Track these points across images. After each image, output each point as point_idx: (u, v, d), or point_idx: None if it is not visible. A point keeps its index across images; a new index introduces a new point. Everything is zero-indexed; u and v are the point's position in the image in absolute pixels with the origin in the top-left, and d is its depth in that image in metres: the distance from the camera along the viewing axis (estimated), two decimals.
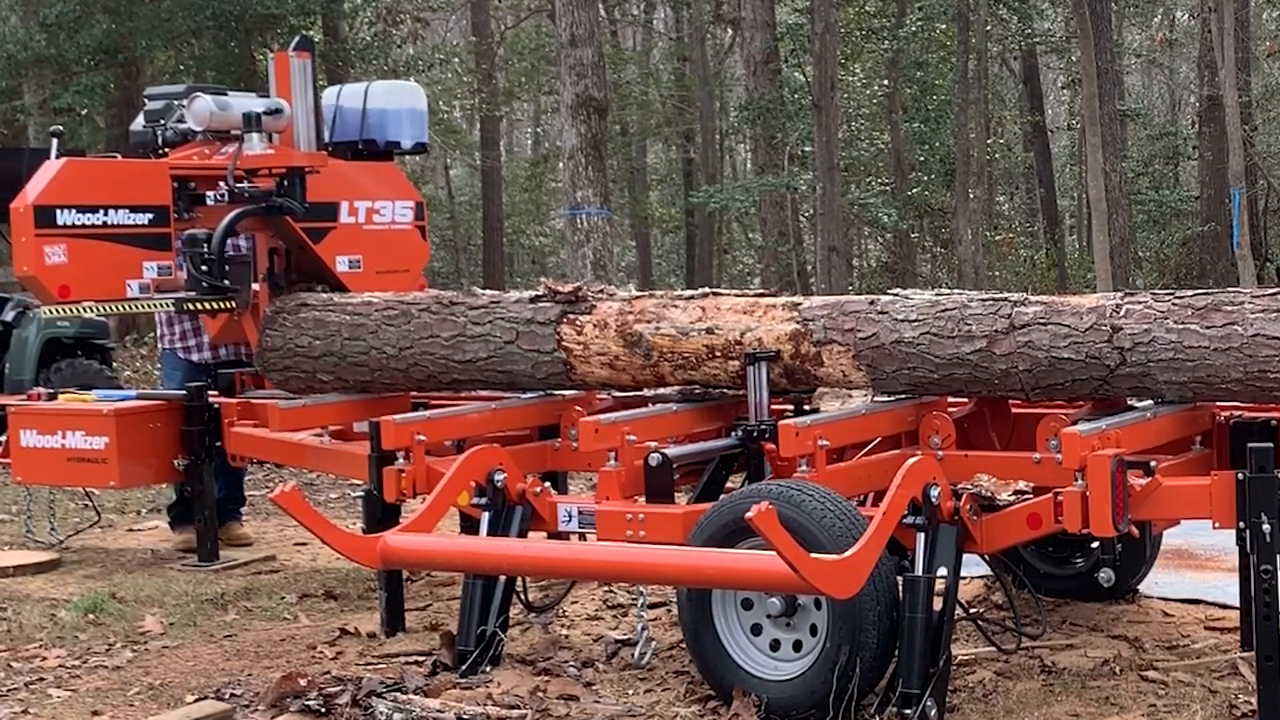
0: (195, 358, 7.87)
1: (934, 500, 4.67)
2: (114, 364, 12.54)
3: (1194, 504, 4.76)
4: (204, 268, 6.74)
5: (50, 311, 6.54)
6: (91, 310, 6.68)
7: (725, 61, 30.19)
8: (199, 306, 6.84)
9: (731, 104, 28.16)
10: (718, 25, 28.73)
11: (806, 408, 5.59)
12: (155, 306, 6.82)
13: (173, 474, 7.27)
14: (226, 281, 6.78)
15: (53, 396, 7.60)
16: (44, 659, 5.85)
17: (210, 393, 7.23)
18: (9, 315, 11.57)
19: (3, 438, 7.59)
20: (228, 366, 7.79)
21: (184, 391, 7.22)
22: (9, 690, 5.45)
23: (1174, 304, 4.91)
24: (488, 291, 6.47)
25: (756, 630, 4.86)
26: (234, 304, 6.87)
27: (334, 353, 6.60)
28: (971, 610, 5.56)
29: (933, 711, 4.54)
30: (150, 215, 6.64)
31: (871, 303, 5.44)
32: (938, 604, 4.66)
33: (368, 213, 7.61)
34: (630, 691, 5.13)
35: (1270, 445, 4.59)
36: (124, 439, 6.99)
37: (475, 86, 29.25)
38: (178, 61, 22.91)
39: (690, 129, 29.38)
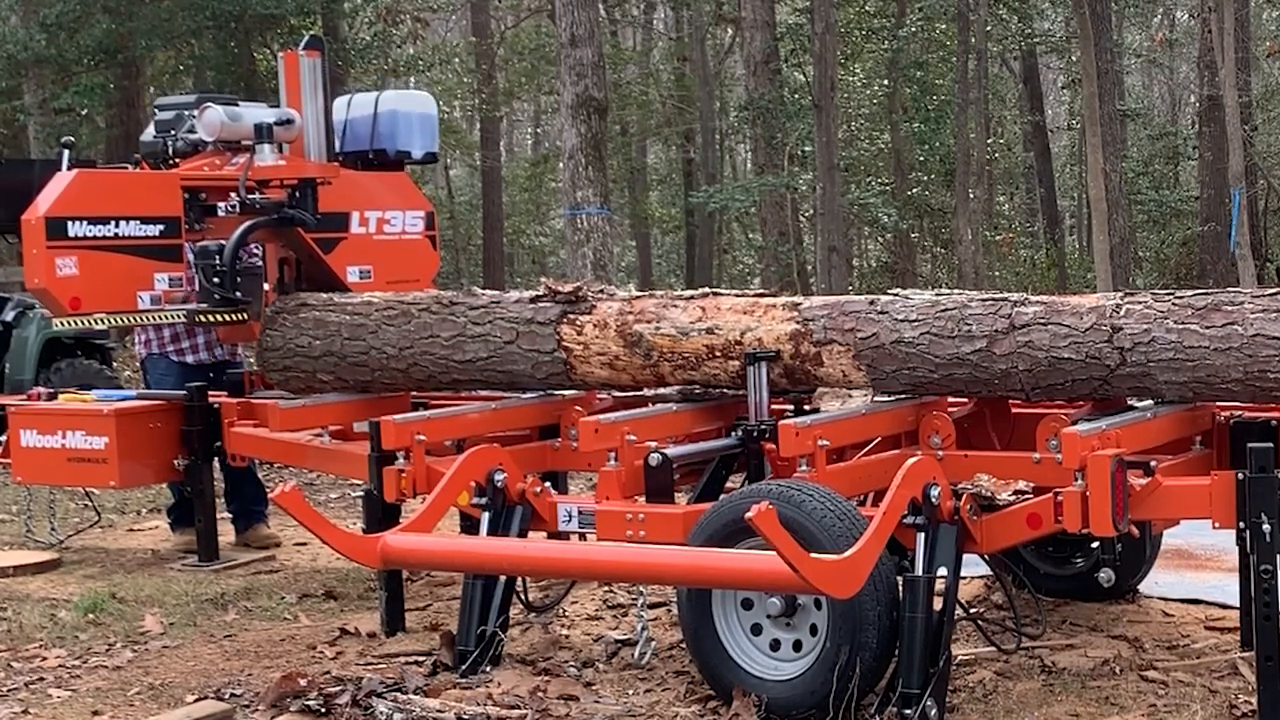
0: (190, 359, 7.85)
1: (934, 500, 4.67)
2: (114, 364, 12.53)
3: (1194, 504, 4.76)
4: (216, 279, 6.74)
5: (62, 324, 6.54)
6: (103, 322, 6.68)
7: (725, 61, 30.18)
8: (211, 319, 6.83)
9: (731, 104, 28.15)
10: (718, 25, 28.72)
11: (806, 408, 5.59)
12: (167, 318, 6.82)
13: (173, 474, 7.27)
14: (238, 293, 6.78)
15: (53, 396, 7.60)
16: (44, 659, 5.85)
17: (210, 393, 7.23)
18: (9, 315, 11.56)
19: (3, 438, 7.59)
20: (223, 367, 7.78)
21: (184, 391, 7.21)
22: (9, 690, 5.45)
23: (1174, 304, 4.91)
24: (488, 291, 6.47)
25: (756, 630, 4.86)
26: (246, 315, 6.87)
27: (334, 353, 6.60)
28: (971, 610, 5.56)
29: (933, 711, 4.54)
30: (161, 227, 6.64)
31: (871, 303, 5.44)
32: (938, 604, 4.67)
33: (378, 223, 7.63)
34: (630, 691, 5.14)
35: (1270, 445, 4.59)
36: (124, 439, 6.99)
37: (475, 86, 29.26)
38: (178, 62, 22.89)
39: (690, 129, 29.36)
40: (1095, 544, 5.75)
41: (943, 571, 4.69)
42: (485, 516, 5.42)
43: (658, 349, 5.77)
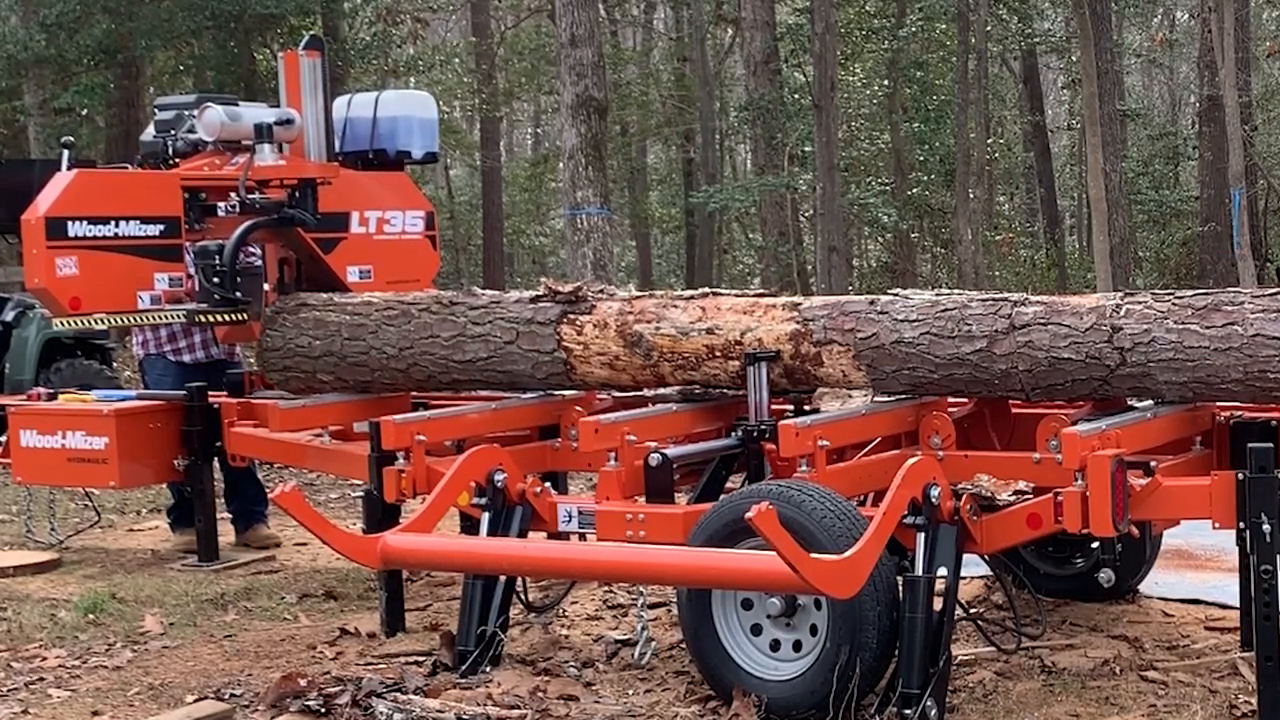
0: (187, 359, 7.85)
1: (934, 500, 4.67)
2: (114, 364, 12.54)
3: (1194, 504, 4.76)
4: (216, 279, 6.74)
5: (62, 324, 6.54)
6: (103, 322, 6.68)
7: (725, 61, 30.19)
8: (211, 319, 6.83)
9: (731, 104, 28.16)
10: (718, 25, 28.73)
11: (806, 408, 5.59)
12: (167, 318, 6.82)
13: (173, 474, 7.27)
14: (238, 294, 6.78)
15: (53, 396, 7.60)
16: (44, 659, 5.85)
17: (210, 393, 7.23)
18: (9, 315, 11.56)
19: (3, 438, 7.59)
20: (220, 367, 7.78)
21: (183, 392, 7.21)
22: (9, 690, 5.45)
23: (1174, 304, 4.91)
24: (488, 291, 6.47)
25: (756, 630, 4.86)
26: (246, 315, 6.87)
27: (334, 353, 6.60)
28: (971, 610, 5.56)
29: (933, 711, 4.54)
30: (161, 227, 6.63)
31: (871, 303, 5.44)
32: (938, 604, 4.67)
33: (378, 223, 7.63)
34: (630, 691, 5.13)
35: (1270, 445, 4.59)
36: (124, 439, 6.99)
37: (475, 86, 29.26)
38: (178, 62, 22.89)
39: (690, 129, 29.36)
40: (1095, 544, 5.75)
41: (943, 571, 4.69)
42: (485, 516, 5.42)
43: (658, 349, 5.77)
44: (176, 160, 7.07)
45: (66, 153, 6.76)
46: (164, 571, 7.37)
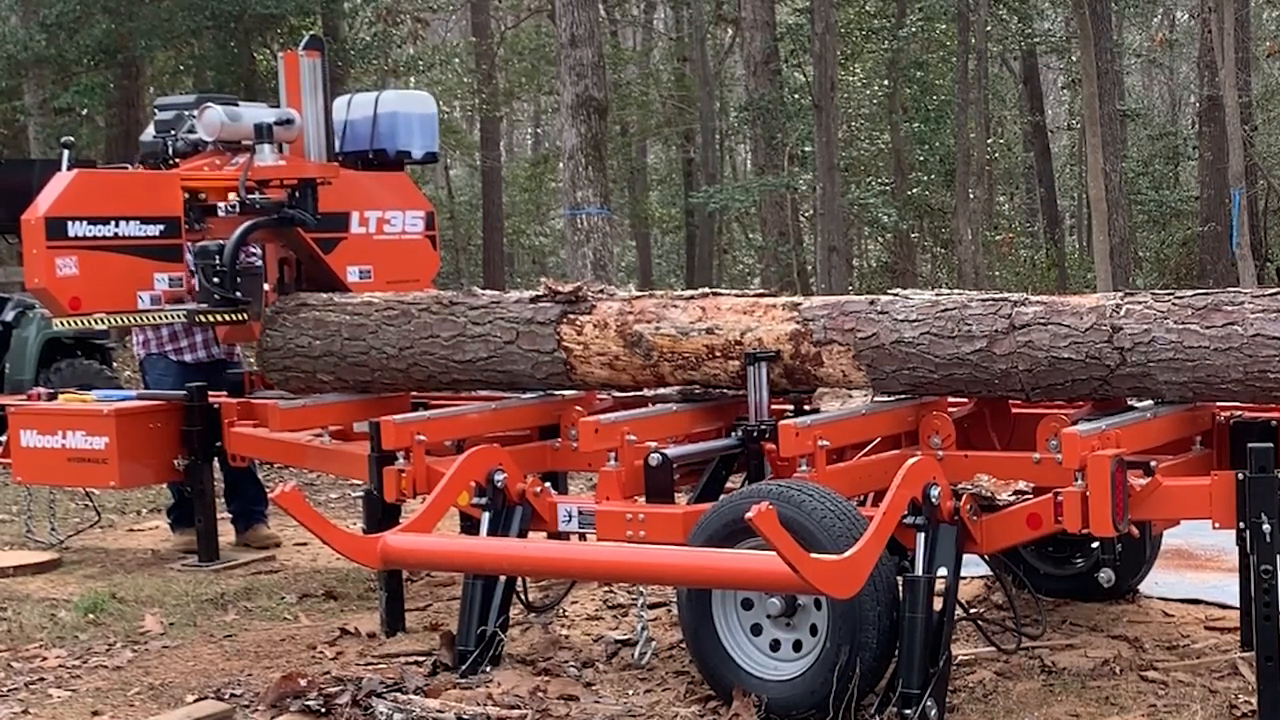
0: (189, 358, 7.86)
1: (934, 500, 4.67)
2: (114, 364, 12.54)
3: (1194, 504, 4.76)
4: (216, 280, 6.74)
5: (62, 324, 6.54)
6: (103, 322, 6.68)
7: (725, 61, 30.19)
8: (211, 319, 6.83)
9: (731, 104, 28.17)
10: (718, 25, 28.73)
11: (806, 408, 5.59)
12: (167, 318, 6.82)
13: (173, 474, 7.27)
14: (238, 294, 6.78)
15: (53, 396, 7.60)
16: (44, 659, 5.85)
17: (210, 392, 7.23)
18: (9, 315, 11.56)
19: (3, 438, 7.59)
20: (221, 366, 7.78)
21: (184, 391, 7.22)
22: (9, 690, 5.45)
23: (1174, 304, 4.91)
24: (488, 291, 6.47)
25: (756, 630, 4.86)
26: (246, 315, 6.87)
27: (334, 353, 6.60)
28: (971, 610, 5.56)
29: (933, 711, 4.54)
30: (161, 227, 6.64)
31: (871, 303, 5.44)
32: (938, 604, 4.67)
33: (378, 223, 7.64)
34: (630, 691, 5.14)
35: (1270, 445, 4.59)
36: (124, 439, 6.99)
37: (475, 87, 29.26)
38: (178, 62, 22.89)
39: (690, 129, 29.36)
40: (1095, 544, 5.75)
41: (943, 571, 4.69)
42: (485, 516, 5.42)
43: (658, 349, 5.77)
44: (176, 160, 7.07)
45: (66, 153, 6.76)
46: (164, 571, 7.38)
